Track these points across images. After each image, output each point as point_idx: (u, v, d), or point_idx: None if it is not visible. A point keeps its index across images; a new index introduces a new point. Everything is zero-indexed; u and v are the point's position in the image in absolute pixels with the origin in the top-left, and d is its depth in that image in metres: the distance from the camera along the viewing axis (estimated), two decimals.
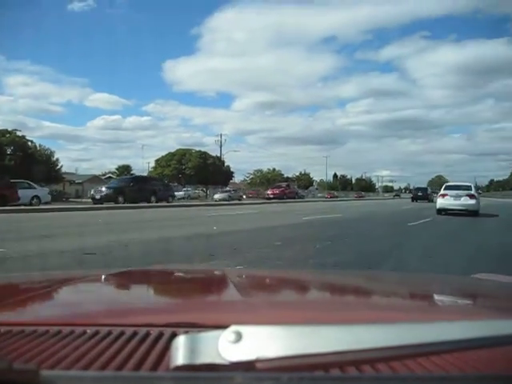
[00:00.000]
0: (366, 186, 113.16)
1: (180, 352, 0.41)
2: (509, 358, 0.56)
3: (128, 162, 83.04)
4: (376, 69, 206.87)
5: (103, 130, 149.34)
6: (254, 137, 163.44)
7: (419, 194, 37.80)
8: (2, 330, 0.70)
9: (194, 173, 60.10)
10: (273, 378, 0.39)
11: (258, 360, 0.39)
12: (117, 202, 21.51)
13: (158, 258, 5.03)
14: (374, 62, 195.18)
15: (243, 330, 0.41)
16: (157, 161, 66.15)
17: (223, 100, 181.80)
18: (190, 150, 65.26)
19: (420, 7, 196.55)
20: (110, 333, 0.68)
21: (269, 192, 41.43)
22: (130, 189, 23.18)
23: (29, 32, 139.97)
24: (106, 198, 21.87)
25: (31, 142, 44.53)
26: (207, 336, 0.42)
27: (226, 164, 64.17)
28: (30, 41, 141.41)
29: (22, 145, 42.06)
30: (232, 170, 68.88)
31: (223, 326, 0.42)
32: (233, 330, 0.41)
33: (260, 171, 78.33)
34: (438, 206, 17.41)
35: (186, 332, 0.49)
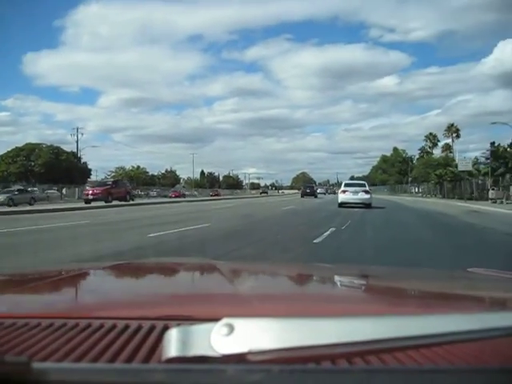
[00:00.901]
0: (233, 184, 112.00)
1: (172, 344, 0.42)
2: (498, 351, 0.57)
3: None
4: (242, 68, 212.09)
5: None
6: (121, 134, 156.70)
7: (307, 191, 44.03)
8: None
9: (44, 170, 53.19)
10: (264, 371, 0.40)
11: (250, 352, 0.39)
12: None
13: None
14: (239, 62, 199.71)
15: (235, 322, 0.41)
16: (1, 156, 57.08)
17: (88, 96, 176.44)
18: (40, 144, 57.04)
19: (284, 10, 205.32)
20: (102, 326, 0.68)
21: (87, 192, 28.44)
22: None
23: None
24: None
25: None
26: (199, 329, 0.42)
27: (86, 161, 57.52)
28: None
29: None
30: (94, 167, 62.66)
31: (215, 319, 0.42)
32: (225, 322, 0.42)
33: (122, 169, 72.39)
34: (340, 200, 20.79)
35: (178, 325, 0.49)
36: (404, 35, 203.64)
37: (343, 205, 20.06)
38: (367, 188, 21.27)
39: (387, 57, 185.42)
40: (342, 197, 20.90)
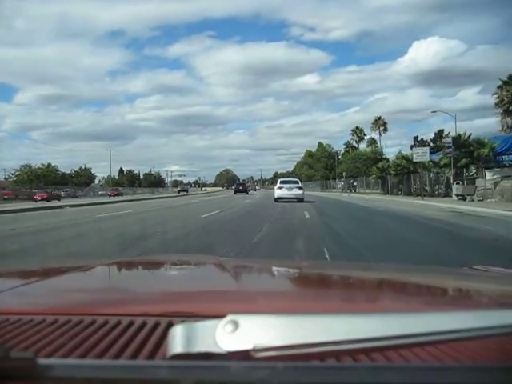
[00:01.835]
0: (154, 181, 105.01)
1: (177, 341, 0.42)
2: (503, 349, 0.57)
3: None
4: (164, 65, 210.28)
5: None
6: (39, 132, 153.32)
7: (240, 188, 48.08)
8: None
9: None
10: (269, 367, 0.39)
11: (255, 349, 0.40)
12: None
13: None
14: (162, 59, 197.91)
15: (240, 319, 0.41)
16: None
17: (4, 92, 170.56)
18: None
19: (206, 7, 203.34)
20: (106, 322, 0.69)
21: None
22: None
23: None
24: None
25: None
26: (204, 325, 0.42)
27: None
28: None
29: None
30: (10, 167, 54.72)
31: (220, 316, 0.42)
32: (229, 319, 0.41)
33: (28, 166, 64.51)
34: (276, 196, 22.51)
35: (183, 321, 0.49)
36: (324, 34, 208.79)
37: (279, 200, 22.02)
38: (300, 185, 23.74)
39: (308, 55, 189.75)
40: (278, 192, 22.86)
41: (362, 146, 75.31)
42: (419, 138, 74.50)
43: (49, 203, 29.06)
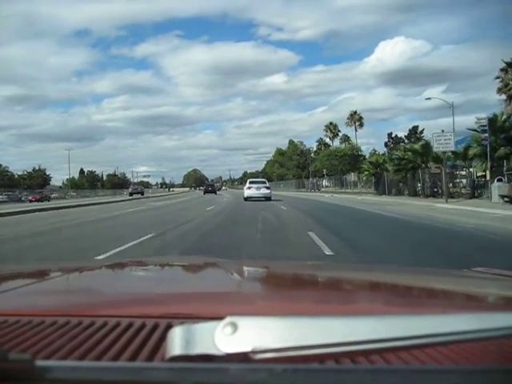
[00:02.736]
0: (118, 183, 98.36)
1: (176, 343, 0.42)
2: (502, 351, 0.57)
3: None
4: (131, 65, 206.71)
5: None
6: (3, 134, 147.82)
7: (209, 189, 50.20)
8: None
9: None
10: (268, 369, 0.39)
11: (253, 351, 0.39)
12: None
13: None
14: (129, 59, 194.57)
15: (239, 321, 0.41)
16: None
17: None
18: None
19: (173, 6, 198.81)
20: (105, 323, 0.68)
21: None
22: None
23: None
24: None
25: None
26: (203, 327, 0.42)
27: None
28: None
29: None
30: None
31: (219, 318, 0.42)
32: (228, 321, 0.41)
33: None
34: (246, 195, 24.76)
35: (182, 323, 0.49)
36: (291, 34, 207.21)
37: (249, 199, 24.14)
38: (267, 185, 26.25)
39: (276, 55, 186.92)
40: (247, 192, 25.09)
41: (336, 144, 71.84)
42: (393, 135, 71.46)
43: None
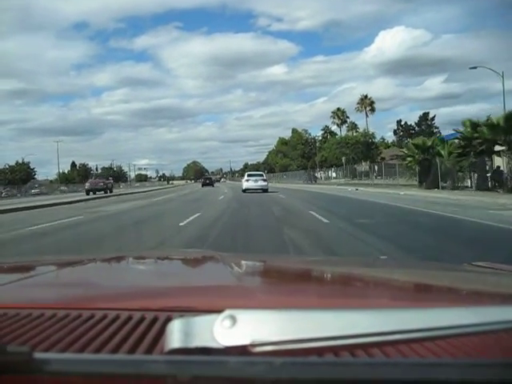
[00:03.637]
0: (113, 176, 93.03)
1: (175, 336, 0.42)
2: (501, 345, 0.57)
3: None
4: (131, 58, 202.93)
5: None
6: (3, 128, 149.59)
7: (207, 182, 53.36)
8: None
9: None
10: (266, 363, 0.39)
11: (252, 344, 0.39)
12: None
13: None
14: (128, 51, 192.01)
15: (238, 314, 0.41)
16: None
17: None
18: None
19: None
20: (104, 316, 0.69)
21: None
22: None
23: None
24: None
25: None
26: (202, 320, 0.42)
27: None
28: None
29: None
30: None
31: (218, 311, 0.42)
32: (227, 314, 0.41)
33: None
34: (244, 187, 26.25)
35: (181, 316, 0.49)
36: (291, 24, 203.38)
37: (247, 190, 25.39)
38: (264, 177, 28.07)
39: (276, 46, 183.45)
40: (246, 184, 26.50)
41: (342, 132, 66.83)
42: (402, 122, 66.84)
43: None
